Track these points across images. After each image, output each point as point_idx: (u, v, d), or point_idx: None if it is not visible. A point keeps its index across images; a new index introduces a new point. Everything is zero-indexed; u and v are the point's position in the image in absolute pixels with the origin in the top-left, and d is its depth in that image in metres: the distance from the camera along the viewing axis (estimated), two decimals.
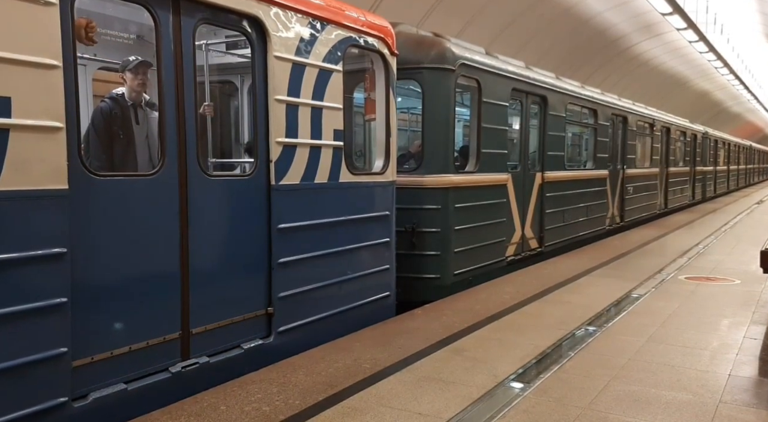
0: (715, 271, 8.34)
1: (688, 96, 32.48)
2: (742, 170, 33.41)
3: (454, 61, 6.77)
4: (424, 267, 6.72)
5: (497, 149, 7.76)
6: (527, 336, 5.18)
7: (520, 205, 8.46)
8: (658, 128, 15.66)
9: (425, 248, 6.67)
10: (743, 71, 32.08)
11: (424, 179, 6.68)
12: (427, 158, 6.76)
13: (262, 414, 3.54)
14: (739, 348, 4.96)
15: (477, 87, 7.35)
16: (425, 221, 6.66)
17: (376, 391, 3.95)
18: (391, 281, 5.86)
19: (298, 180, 4.63)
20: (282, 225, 4.50)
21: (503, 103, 7.89)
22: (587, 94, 11.06)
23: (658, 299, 6.62)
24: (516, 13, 14.83)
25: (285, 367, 4.29)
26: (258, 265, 4.42)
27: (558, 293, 6.89)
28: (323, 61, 4.84)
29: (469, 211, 7.14)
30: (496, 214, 7.81)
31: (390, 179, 5.77)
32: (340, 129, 5.05)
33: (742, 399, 3.92)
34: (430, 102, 6.74)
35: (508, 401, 3.82)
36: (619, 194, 12.98)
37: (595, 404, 3.80)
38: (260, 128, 4.37)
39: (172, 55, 3.72)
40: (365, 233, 5.43)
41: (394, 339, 4.98)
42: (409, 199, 6.52)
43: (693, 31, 19.51)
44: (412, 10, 11.69)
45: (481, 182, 7.42)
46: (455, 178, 6.90)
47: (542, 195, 9.18)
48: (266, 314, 4.48)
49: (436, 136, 6.77)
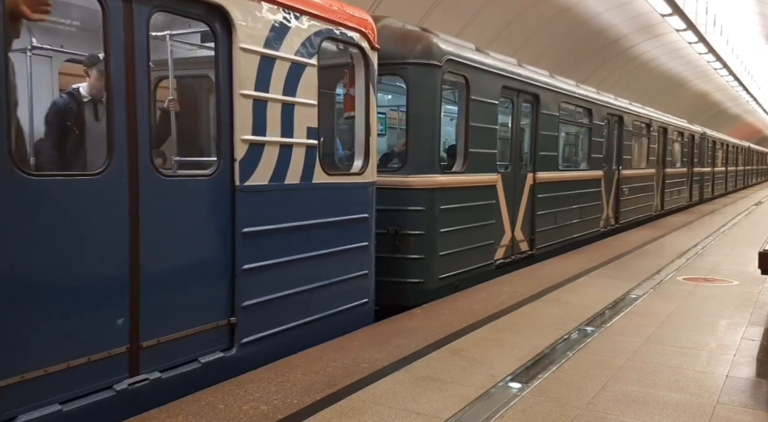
0: (714, 272, 8.25)
1: (688, 97, 32.48)
2: (740, 171, 32.90)
3: (440, 56, 6.42)
4: (407, 271, 6.38)
5: (486, 149, 7.44)
6: (525, 336, 5.13)
7: (510, 206, 8.13)
8: (654, 129, 15.29)
9: (409, 251, 6.34)
10: (742, 72, 32.02)
11: (408, 180, 6.33)
12: (412, 157, 6.41)
13: (260, 413, 3.52)
14: (737, 349, 4.92)
15: (465, 84, 6.99)
16: (409, 223, 6.33)
17: (374, 391, 3.91)
18: (370, 287, 5.51)
19: (267, 180, 4.29)
20: (247, 229, 4.16)
21: (493, 102, 7.55)
22: (581, 93, 10.70)
23: (656, 300, 6.56)
24: (516, 12, 14.81)
25: (283, 366, 4.25)
26: (220, 272, 4.06)
27: (556, 293, 6.81)
28: (296, 54, 4.48)
29: (455, 213, 6.81)
30: (485, 216, 7.48)
31: (369, 179, 5.41)
32: (314, 127, 4.70)
33: (740, 399, 3.89)
34: (414, 99, 6.39)
35: (506, 401, 3.78)
36: (614, 195, 12.62)
37: (593, 404, 3.78)
38: (224, 125, 4.02)
39: (123, 45, 3.38)
40: (341, 237, 5.08)
41: (393, 338, 4.94)
42: (393, 200, 6.22)
43: (692, 32, 19.46)
44: (413, 10, 11.68)
45: (468, 182, 7.08)
46: (441, 178, 6.56)
47: (533, 196, 8.82)
48: (228, 325, 4.13)
49: (421, 134, 6.42)
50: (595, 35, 18.83)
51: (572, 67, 18.72)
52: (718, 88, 33.74)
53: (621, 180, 12.89)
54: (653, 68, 25.09)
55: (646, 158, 14.94)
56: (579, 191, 10.57)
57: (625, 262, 9.04)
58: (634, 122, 13.73)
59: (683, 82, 29.74)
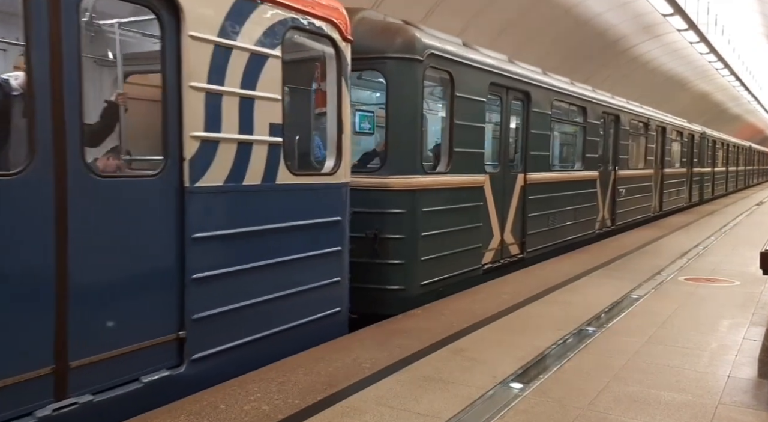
0: (715, 272, 8.20)
1: (689, 97, 32.41)
2: (741, 171, 32.65)
3: (422, 50, 6.08)
4: (387, 277, 6.04)
5: (473, 149, 7.10)
6: (526, 337, 5.11)
7: (499, 208, 7.78)
8: (653, 128, 14.89)
9: (389, 256, 6.01)
10: (744, 72, 32.02)
11: (387, 180, 5.98)
12: (392, 157, 6.06)
13: (261, 413, 3.53)
14: (739, 349, 4.90)
15: (449, 80, 6.65)
16: (389, 226, 5.99)
17: (375, 391, 3.90)
18: (343, 295, 5.14)
19: (222, 181, 3.93)
20: (199, 234, 3.79)
21: (480, 99, 7.19)
22: (576, 90, 10.31)
23: (657, 300, 6.53)
24: (517, 12, 14.80)
25: (284, 366, 4.23)
26: (166, 281, 3.68)
27: (557, 293, 6.79)
28: (256, 44, 4.12)
29: (439, 215, 6.48)
30: (471, 218, 7.14)
31: (342, 180, 5.04)
32: (278, 123, 4.34)
33: (741, 400, 3.88)
34: (394, 95, 6.04)
35: (508, 401, 3.77)
36: (610, 196, 12.23)
37: (595, 404, 3.77)
38: (171, 121, 3.66)
39: (47, 32, 3.05)
40: (309, 242, 4.72)
41: (394, 338, 4.95)
42: (372, 202, 5.91)
43: (694, 32, 19.40)
44: (414, 10, 11.67)
45: (453, 183, 6.75)
46: (423, 179, 6.22)
47: (524, 198, 8.46)
48: (177, 340, 3.75)
49: (401, 133, 6.08)
50: (596, 36, 18.79)
51: (574, 68, 18.67)
52: (720, 89, 33.68)
53: (617, 181, 12.54)
54: (654, 68, 25.05)
55: (644, 158, 14.57)
56: (573, 192, 10.21)
57: (626, 262, 9.00)
58: (632, 121, 13.37)
59: (684, 83, 29.69)
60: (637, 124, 13.94)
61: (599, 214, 11.68)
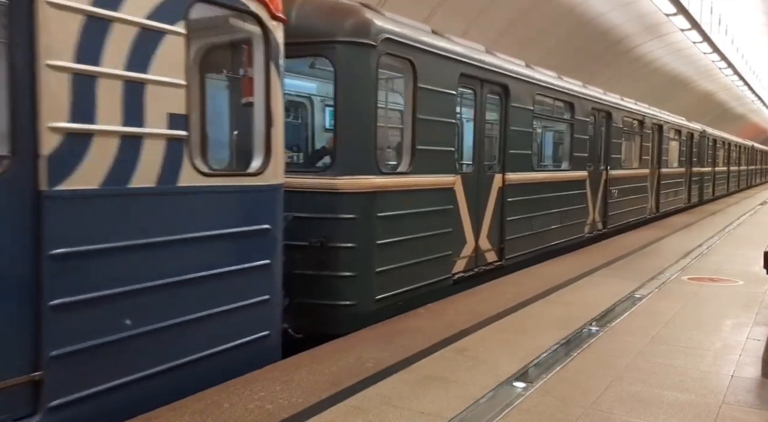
0: (718, 272, 8.19)
1: (692, 97, 32.34)
2: (743, 171, 31.98)
3: (376, 34, 5.43)
4: (335, 292, 5.40)
5: (440, 146, 6.43)
6: (529, 336, 5.11)
7: (473, 212, 7.15)
8: (648, 126, 14.18)
9: (338, 267, 5.36)
10: (747, 72, 31.98)
11: (337, 182, 5.33)
12: (342, 155, 5.41)
13: (265, 411, 3.54)
14: (742, 348, 4.90)
15: (411, 69, 5.96)
16: (339, 233, 5.34)
17: (378, 390, 3.90)
18: (272, 316, 4.40)
19: (97, 183, 3.20)
20: (61, 250, 3.06)
21: (448, 91, 6.50)
22: (562, 85, 9.58)
23: (660, 300, 6.52)
24: (520, 12, 14.81)
25: (288, 366, 4.25)
26: (15, 309, 2.96)
27: (560, 293, 6.77)
28: (148, 17, 3.41)
29: (399, 221, 5.82)
30: (439, 223, 6.47)
31: (272, 181, 4.31)
32: (181, 114, 3.63)
33: (745, 400, 3.87)
34: (344, 85, 5.40)
35: (511, 400, 3.77)
36: (601, 197, 11.56)
37: (598, 404, 3.76)
38: (20, 107, 2.94)
39: None
40: (225, 255, 3.97)
41: (397, 338, 4.94)
42: (319, 206, 5.32)
43: (697, 31, 19.41)
44: (417, 9, 11.69)
45: (416, 185, 6.08)
46: (379, 180, 5.55)
47: (503, 200, 7.80)
48: (31, 383, 3.02)
49: (353, 128, 5.42)
50: (599, 35, 18.77)
51: (576, 68, 18.65)
52: (723, 88, 33.62)
53: (609, 181, 11.87)
54: (658, 68, 25.00)
55: (639, 157, 13.92)
56: (559, 194, 9.51)
57: (629, 262, 8.98)
58: (625, 118, 12.70)
59: (688, 82, 29.63)
60: (631, 121, 13.31)
61: (589, 216, 11.03)
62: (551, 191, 9.25)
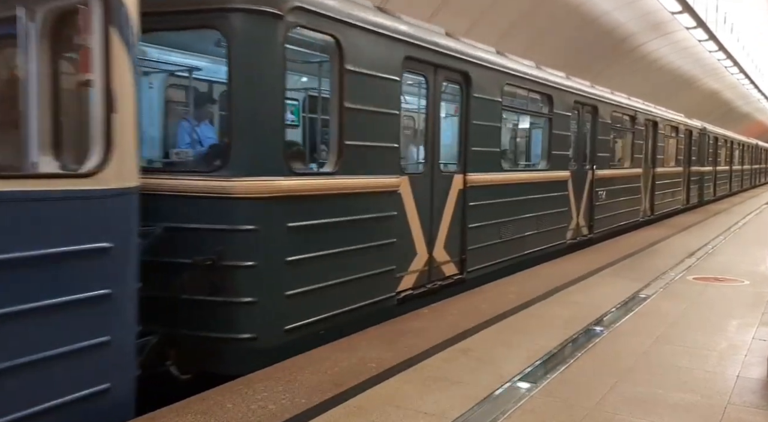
0: (724, 272, 8.18)
1: (697, 95, 32.22)
2: (746, 170, 31.10)
3: (283, 2, 4.43)
4: (230, 322, 4.37)
5: (378, 142, 5.46)
6: (533, 336, 5.11)
7: (425, 219, 6.16)
8: (641, 122, 13.14)
9: (234, 291, 4.33)
10: (753, 70, 31.88)
11: (231, 184, 4.29)
12: (238, 151, 4.36)
13: (268, 412, 3.54)
14: (748, 349, 4.89)
15: (336, 48, 4.98)
16: (235, 249, 4.32)
17: (381, 390, 3.91)
18: (119, 362, 3.42)
19: None
20: None
21: (388, 77, 5.53)
22: (537, 75, 8.56)
23: (665, 300, 6.53)
24: (523, 12, 14.79)
25: (291, 366, 4.24)
26: None
27: (564, 293, 6.78)
28: None
29: (319, 232, 4.84)
30: (378, 233, 5.49)
31: (115, 184, 3.34)
32: None
33: (751, 400, 3.86)
34: (241, 64, 4.37)
35: (514, 401, 3.77)
36: (586, 200, 10.49)
37: (602, 405, 3.76)
38: None
39: None
40: (32, 287, 2.99)
41: (400, 338, 4.93)
42: (209, 215, 4.32)
43: (702, 29, 19.33)
44: (420, 8, 11.69)
45: (345, 188, 5.08)
46: (289, 182, 4.52)
47: (463, 204, 6.79)
48: None
49: (252, 117, 4.39)
50: (603, 34, 18.71)
51: (581, 66, 18.60)
52: (729, 87, 33.48)
53: (596, 182, 10.81)
54: (662, 67, 24.91)
55: (631, 155, 12.89)
56: (535, 196, 8.50)
57: (634, 262, 8.97)
58: (614, 113, 11.63)
59: (693, 81, 29.52)
60: (621, 117, 12.23)
61: (572, 221, 9.97)
62: (525, 193, 8.26)
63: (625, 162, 12.89)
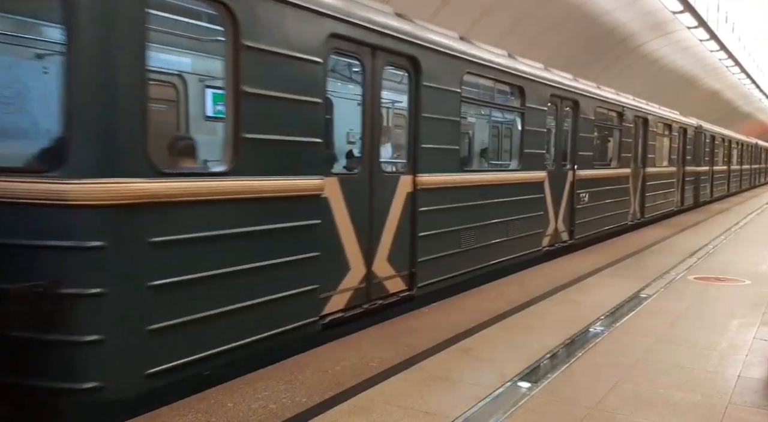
0: (725, 271, 8.16)
1: (698, 95, 32.19)
2: (745, 170, 30.09)
3: None
4: (67, 368, 3.43)
5: (292, 136, 4.48)
6: (535, 336, 5.11)
7: (361, 228, 5.27)
8: (629, 119, 12.19)
9: (73, 327, 3.39)
10: (755, 70, 31.86)
11: (69, 189, 3.35)
12: (78, 145, 3.42)
13: (269, 411, 3.54)
14: (749, 349, 4.88)
15: (228, 18, 4.01)
16: (74, 272, 3.40)
17: (382, 390, 3.90)
18: None
19: None
20: None
21: (306, 57, 4.56)
22: (505, 63, 7.61)
23: (666, 300, 6.52)
24: (525, 11, 14.79)
25: (292, 365, 4.26)
26: None
27: (566, 292, 6.78)
28: None
29: (199, 247, 3.85)
30: (292, 246, 4.51)
31: None
32: None
33: (752, 400, 3.85)
34: (82, 34, 3.39)
35: (516, 400, 3.77)
36: (566, 203, 9.58)
37: (603, 404, 3.75)
38: None
39: None
40: None
41: (402, 337, 4.94)
42: (39, 227, 3.40)
43: (704, 29, 19.31)
44: (421, 7, 11.69)
45: (240, 192, 4.07)
46: (151, 185, 3.54)
47: (413, 210, 5.87)
48: None
49: (100, 101, 3.43)
50: (604, 34, 18.70)
51: (582, 66, 18.61)
52: (730, 86, 33.45)
53: (577, 183, 9.91)
54: (664, 66, 24.89)
55: (618, 154, 11.97)
56: (504, 200, 7.63)
57: (635, 261, 8.98)
58: (598, 109, 10.68)
59: (694, 80, 29.51)
60: (606, 113, 11.34)
61: (549, 226, 9.09)
62: (492, 196, 7.36)
63: (611, 161, 12.05)
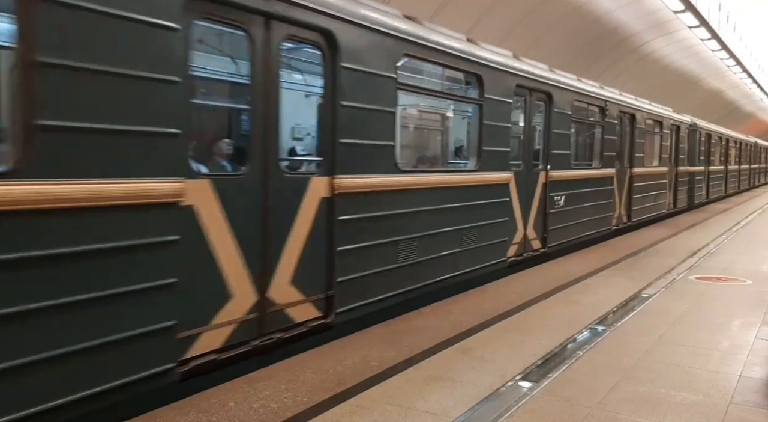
0: (726, 271, 8.17)
1: (700, 95, 32.18)
2: (744, 170, 29.05)
3: None
4: None
5: (131, 125, 3.42)
6: (535, 336, 5.10)
7: (250, 244, 4.23)
8: (613, 114, 11.04)
9: None
10: (756, 70, 31.85)
11: None
12: None
13: (270, 411, 3.55)
14: (750, 349, 4.88)
15: None
16: None
17: (383, 389, 3.91)
18: None
19: None
20: None
21: (151, 20, 3.48)
22: (457, 46, 6.48)
23: (668, 299, 6.51)
24: (526, 11, 14.79)
25: (293, 365, 4.27)
26: None
27: (566, 292, 6.77)
28: None
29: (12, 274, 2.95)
30: (132, 273, 3.45)
31: None
32: None
33: (753, 400, 3.85)
34: None
35: (516, 400, 3.77)
36: (538, 207, 8.55)
37: (604, 404, 3.75)
38: None
39: None
40: None
41: (402, 337, 4.95)
42: None
43: (705, 29, 19.34)
44: (423, 7, 11.70)
45: (31, 200, 2.97)
46: None
47: (329, 219, 4.86)
48: None
49: None
50: (606, 33, 18.69)
51: (584, 65, 18.61)
52: (732, 86, 33.42)
53: (550, 185, 8.83)
54: (665, 66, 24.87)
55: (600, 153, 10.82)
56: (458, 205, 6.59)
57: (637, 261, 8.96)
58: (575, 103, 9.48)
59: (696, 80, 29.48)
60: (585, 108, 10.18)
61: (517, 233, 8.06)
62: (440, 201, 6.29)
63: (594, 162, 10.93)
